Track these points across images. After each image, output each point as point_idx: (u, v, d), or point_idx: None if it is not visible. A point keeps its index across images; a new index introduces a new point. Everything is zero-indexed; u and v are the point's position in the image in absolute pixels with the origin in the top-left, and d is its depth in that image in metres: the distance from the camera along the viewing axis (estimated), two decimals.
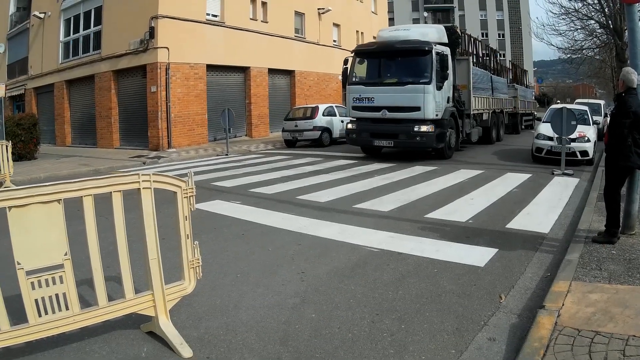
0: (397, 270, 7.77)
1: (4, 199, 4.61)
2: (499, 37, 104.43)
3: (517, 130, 40.45)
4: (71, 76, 36.51)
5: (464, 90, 25.73)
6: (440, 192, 14.25)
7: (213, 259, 8.39)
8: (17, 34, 44.40)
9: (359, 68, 24.02)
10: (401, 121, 21.89)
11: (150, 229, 5.44)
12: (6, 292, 4.69)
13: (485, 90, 29.36)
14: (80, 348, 5.45)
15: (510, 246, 8.90)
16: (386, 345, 5.36)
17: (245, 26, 35.81)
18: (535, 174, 17.36)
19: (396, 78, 22.28)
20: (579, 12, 31.46)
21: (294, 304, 6.55)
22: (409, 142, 21.99)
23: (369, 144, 23.54)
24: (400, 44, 22.32)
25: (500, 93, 33.46)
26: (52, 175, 20.56)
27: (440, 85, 21.68)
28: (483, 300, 6.49)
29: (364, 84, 23.33)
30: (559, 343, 4.94)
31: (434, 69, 21.30)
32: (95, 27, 34.26)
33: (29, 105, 42.28)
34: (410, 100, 21.42)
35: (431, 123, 21.43)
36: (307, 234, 10.03)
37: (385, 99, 22.14)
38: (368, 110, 22.89)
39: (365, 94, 22.87)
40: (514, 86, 40.79)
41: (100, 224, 5.19)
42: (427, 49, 21.43)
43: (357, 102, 23.21)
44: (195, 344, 5.44)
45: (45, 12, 38.56)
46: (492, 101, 30.58)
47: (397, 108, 21.83)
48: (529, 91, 50.50)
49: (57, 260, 4.89)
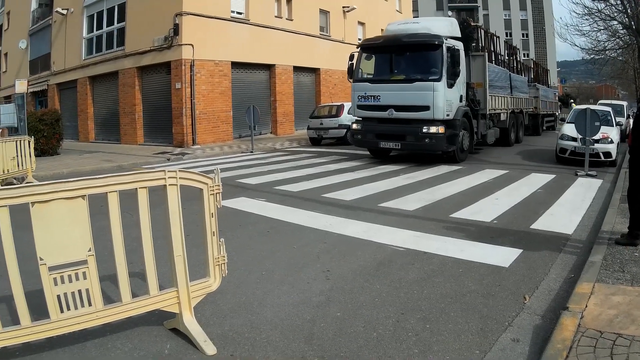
0: (422, 269, 7.77)
1: (28, 194, 4.63)
2: (522, 36, 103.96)
3: (537, 132, 38.78)
4: (94, 72, 36.71)
5: (480, 89, 23.99)
6: (465, 192, 14.24)
7: (238, 256, 8.39)
8: (39, 30, 44.73)
9: (365, 64, 22.67)
10: (409, 121, 20.43)
11: (175, 226, 5.46)
12: (26, 288, 4.71)
13: (504, 89, 27.67)
14: (102, 344, 5.47)
15: (535, 247, 8.87)
16: (410, 345, 5.36)
17: (270, 23, 35.80)
18: (559, 175, 17.31)
19: (403, 75, 20.98)
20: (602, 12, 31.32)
21: (319, 302, 6.55)
22: (417, 144, 20.45)
23: (375, 145, 22.18)
24: (408, 38, 20.84)
25: (520, 92, 31.78)
26: (75, 171, 20.65)
27: (452, 83, 20.25)
28: (507, 301, 6.48)
29: (370, 81, 21.94)
30: (582, 345, 4.93)
31: (445, 65, 19.83)
32: (118, 24, 34.45)
33: (51, 101, 42.52)
34: (418, 98, 19.96)
35: (441, 124, 19.93)
36: (333, 232, 10.03)
37: (392, 97, 20.71)
38: (374, 110, 21.47)
39: (371, 91, 21.49)
40: (535, 85, 38.86)
41: (124, 220, 5.20)
42: (436, 43, 19.91)
43: (362, 100, 21.77)
44: (219, 341, 5.44)
45: (68, 9, 38.80)
46: (510, 100, 28.90)
47: (405, 107, 20.38)
48: (550, 91, 48.09)
49: (81, 256, 4.91)
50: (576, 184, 15.69)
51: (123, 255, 5.16)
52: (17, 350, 5.14)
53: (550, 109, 44.90)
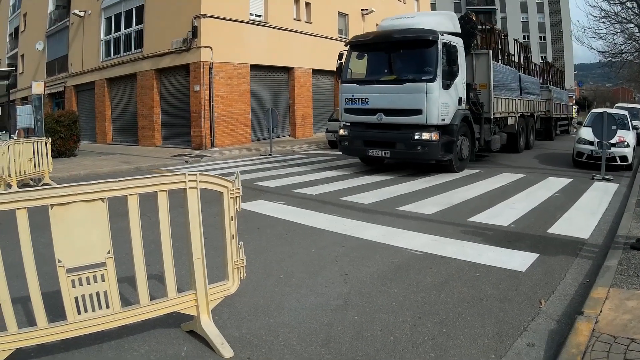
0: (440, 273, 7.80)
1: (47, 197, 4.65)
2: (540, 39, 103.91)
3: (550, 136, 37.42)
4: (112, 74, 36.91)
5: (484, 90, 22.04)
6: (482, 196, 14.25)
7: (256, 259, 8.39)
8: (57, 32, 44.96)
9: (355, 64, 20.67)
10: (400, 127, 18.52)
11: (195, 229, 5.47)
12: (43, 289, 4.73)
13: (512, 91, 25.73)
14: (119, 346, 5.49)
15: (551, 251, 8.88)
16: (427, 349, 5.38)
17: (289, 26, 35.86)
18: (575, 179, 17.29)
19: (394, 75, 19.08)
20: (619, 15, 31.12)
21: (337, 305, 6.57)
22: (408, 152, 18.54)
23: (363, 154, 20.30)
24: (399, 34, 18.82)
25: (531, 94, 30.20)
26: (92, 173, 20.79)
27: (448, 83, 18.33)
28: (523, 305, 6.49)
29: (357, 82, 19.88)
30: (596, 350, 4.94)
31: (440, 64, 17.88)
32: (136, 26, 34.62)
33: (69, 103, 42.75)
34: (409, 101, 18.01)
35: (436, 129, 18.02)
36: (351, 236, 10.04)
37: (381, 99, 18.74)
38: (362, 114, 19.46)
39: (359, 94, 19.45)
40: (547, 87, 37.57)
41: (142, 222, 5.21)
42: (431, 39, 17.88)
43: (349, 103, 19.80)
44: (237, 345, 5.45)
45: (85, 11, 39.03)
46: (519, 103, 26.92)
47: (395, 111, 18.48)
48: (564, 93, 46.80)
49: (100, 259, 4.93)
50: (593, 188, 15.69)
51: (142, 257, 5.20)
52: (32, 351, 5.18)
53: (564, 112, 43.54)
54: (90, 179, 5.00)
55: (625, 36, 32.63)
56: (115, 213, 5.30)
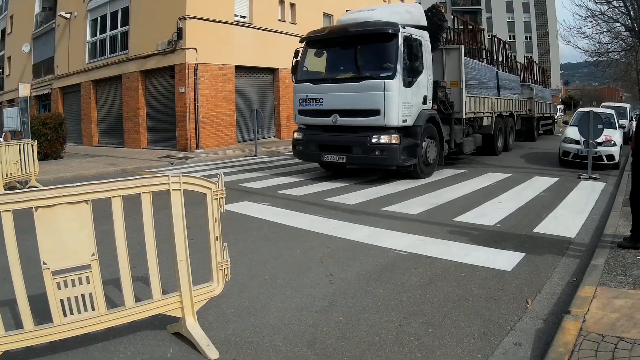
0: (425, 273, 7.78)
1: (31, 199, 4.62)
2: (526, 39, 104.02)
3: (532, 137, 36.37)
4: (98, 76, 36.84)
5: (455, 89, 20.69)
6: (468, 196, 14.28)
7: (241, 260, 8.41)
8: (43, 34, 44.87)
9: (312, 62, 19.11)
10: (357, 129, 16.92)
11: (179, 231, 5.45)
12: (29, 292, 4.71)
13: (488, 89, 24.56)
14: (105, 348, 5.48)
15: (538, 250, 8.89)
16: (413, 349, 5.37)
17: (274, 27, 35.85)
18: (562, 178, 17.37)
19: (351, 72, 17.47)
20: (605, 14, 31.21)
21: (322, 306, 6.56)
22: (365, 157, 16.90)
23: (318, 159, 18.55)
24: (356, 27, 17.36)
25: (511, 93, 29.06)
26: (78, 175, 20.77)
27: (410, 81, 16.77)
28: (510, 305, 6.49)
29: (312, 81, 18.29)
30: (584, 348, 4.94)
31: (400, 59, 16.28)
32: (122, 28, 34.58)
33: (55, 105, 42.68)
34: (366, 101, 16.45)
35: (396, 132, 16.43)
36: (336, 237, 10.03)
37: (337, 100, 17.17)
38: (316, 115, 17.95)
39: (313, 94, 17.93)
40: (529, 86, 36.33)
41: (127, 224, 5.19)
42: (390, 32, 16.34)
43: (303, 104, 18.31)
44: (222, 346, 5.45)
45: (72, 13, 38.96)
46: (497, 102, 25.55)
47: (351, 112, 16.94)
48: (548, 92, 45.70)
49: (84, 261, 4.90)
50: (579, 187, 15.75)
51: (127, 259, 5.16)
52: (19, 353, 5.16)
53: (547, 112, 42.46)
54: (76, 181, 4.92)
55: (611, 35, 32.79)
56: (100, 215, 5.30)
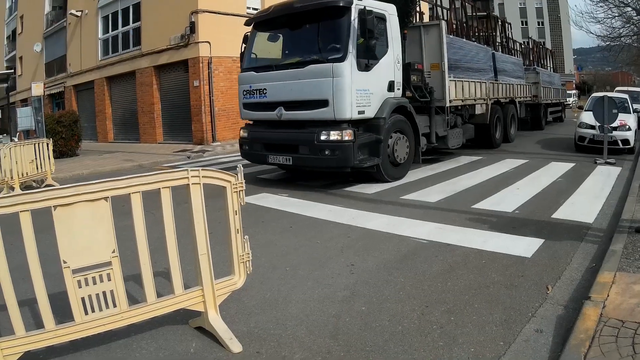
0: (446, 261, 7.79)
1: (49, 198, 4.60)
2: (538, 25, 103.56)
3: (539, 125, 33.72)
4: (111, 73, 36.87)
5: (437, 72, 17.85)
6: (486, 183, 14.25)
7: (261, 252, 8.37)
8: (54, 33, 45.02)
9: (267, 48, 16.26)
10: (304, 124, 14.13)
11: (199, 225, 5.45)
12: (49, 290, 4.70)
13: (482, 73, 21.77)
14: (127, 344, 5.47)
15: (556, 236, 8.88)
16: (435, 338, 5.37)
17: None
18: (578, 163, 17.31)
19: (297, 57, 14.72)
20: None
21: (344, 296, 6.56)
22: (314, 158, 13.90)
23: (263, 160, 15.51)
24: (302, 2, 14.41)
25: (511, 77, 26.17)
26: (94, 172, 20.73)
27: (368, 63, 13.73)
28: (530, 292, 6.49)
29: (255, 69, 15.55)
30: (604, 335, 4.92)
31: (353, 37, 13.42)
32: (134, 24, 34.58)
33: (68, 103, 42.76)
34: (313, 90, 13.64)
35: (350, 126, 13.51)
36: (356, 226, 10.03)
37: (281, 90, 14.43)
38: (261, 109, 15.27)
39: (256, 84, 15.20)
40: (534, 69, 33.76)
41: (147, 219, 5.17)
42: (341, 5, 13.55)
43: (247, 96, 15.61)
44: (245, 339, 5.44)
45: (82, 11, 39.04)
46: (492, 87, 22.67)
47: (297, 104, 14.12)
48: (556, 76, 42.70)
49: (105, 258, 4.90)
50: (595, 172, 15.70)
51: (147, 255, 5.17)
52: (41, 353, 5.15)
53: (555, 97, 39.14)
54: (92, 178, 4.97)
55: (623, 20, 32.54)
56: (120, 211, 5.30)
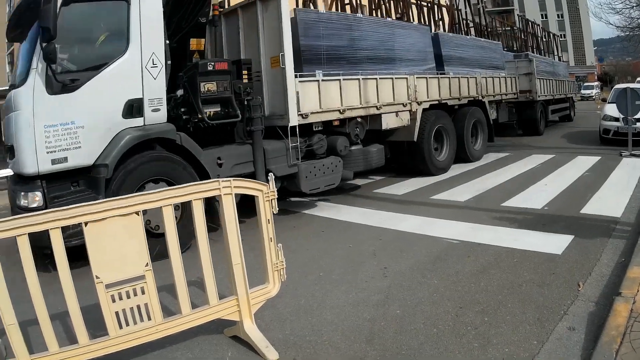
0: (478, 261, 7.81)
1: (81, 214, 4.63)
2: (558, 17, 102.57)
3: (535, 130, 26.95)
4: None
5: (276, 70, 11.36)
6: (513, 180, 14.24)
7: (294, 258, 8.30)
8: None
9: None
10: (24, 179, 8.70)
11: (232, 234, 5.46)
12: (82, 303, 4.73)
13: (406, 64, 15.43)
14: (162, 355, 5.50)
15: (585, 232, 8.85)
16: (470, 339, 5.41)
17: None
18: (604, 156, 17.26)
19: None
20: None
21: (378, 300, 6.58)
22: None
23: None
24: None
25: (476, 67, 19.37)
26: None
27: (73, 79, 8.45)
28: (562, 289, 6.49)
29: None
30: (635, 330, 4.92)
31: (40, 38, 8.02)
32: None
33: None
34: (8, 131, 8.84)
35: (44, 184, 8.42)
36: (387, 228, 10.03)
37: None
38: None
39: None
40: (526, 56, 27.24)
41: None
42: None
43: None
44: (281, 346, 5.45)
45: None
46: (423, 84, 15.72)
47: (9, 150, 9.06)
48: (561, 65, 35.26)
49: (138, 272, 4.92)
50: (621, 164, 15.67)
51: (181, 267, 5.21)
52: None
53: (560, 92, 31.45)
54: None
55: None
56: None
